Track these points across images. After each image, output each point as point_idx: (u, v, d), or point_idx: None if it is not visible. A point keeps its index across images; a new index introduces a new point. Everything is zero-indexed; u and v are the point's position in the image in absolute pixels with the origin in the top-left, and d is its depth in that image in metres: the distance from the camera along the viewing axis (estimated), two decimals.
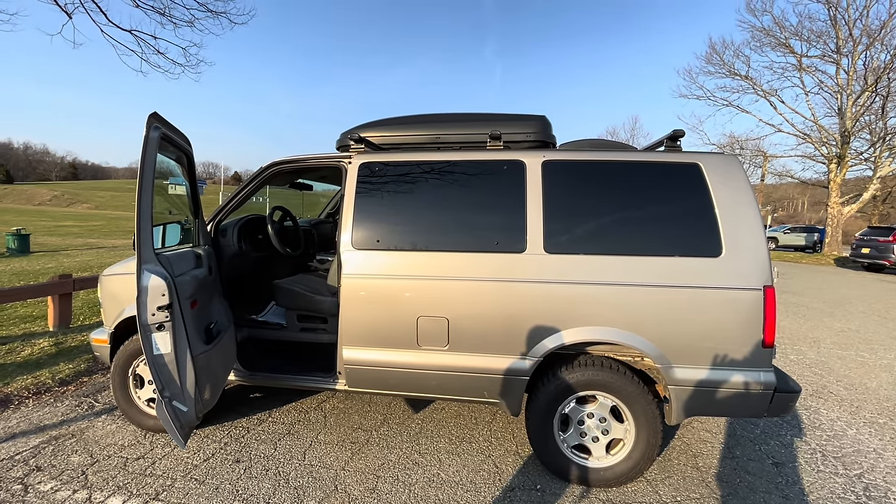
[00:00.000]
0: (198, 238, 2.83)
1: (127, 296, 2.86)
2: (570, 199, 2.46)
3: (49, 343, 4.41)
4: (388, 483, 2.44)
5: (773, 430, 3.18)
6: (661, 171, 2.43)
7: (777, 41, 20.69)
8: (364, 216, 2.61)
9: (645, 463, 2.39)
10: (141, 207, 2.07)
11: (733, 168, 2.38)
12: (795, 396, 2.29)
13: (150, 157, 2.12)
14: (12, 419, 3.04)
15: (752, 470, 2.67)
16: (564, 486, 2.45)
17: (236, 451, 2.70)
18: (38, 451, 2.65)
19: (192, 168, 2.75)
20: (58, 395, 3.44)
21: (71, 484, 2.35)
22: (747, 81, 22.13)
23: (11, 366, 3.85)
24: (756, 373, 2.26)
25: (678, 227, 2.35)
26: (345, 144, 2.92)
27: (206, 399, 2.41)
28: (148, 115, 2.13)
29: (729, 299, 2.23)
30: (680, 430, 3.10)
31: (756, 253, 2.25)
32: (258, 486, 2.37)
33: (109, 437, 2.84)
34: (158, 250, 2.27)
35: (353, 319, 2.59)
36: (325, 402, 3.42)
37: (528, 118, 2.85)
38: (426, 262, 2.50)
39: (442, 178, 2.61)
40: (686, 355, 2.28)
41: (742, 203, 2.32)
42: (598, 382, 2.37)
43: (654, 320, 2.28)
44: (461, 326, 2.47)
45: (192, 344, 2.28)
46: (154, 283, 2.10)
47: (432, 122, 2.95)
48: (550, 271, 2.37)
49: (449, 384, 2.54)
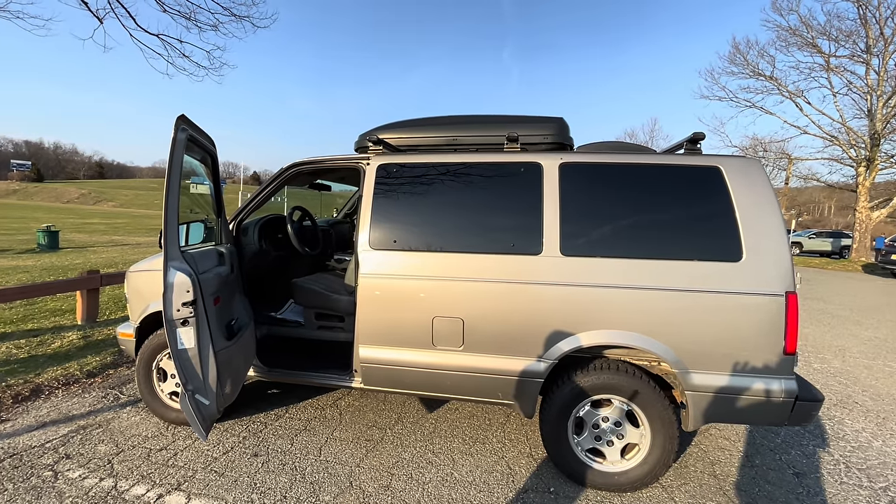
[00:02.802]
0: (220, 236, 2.91)
1: (152, 292, 2.95)
2: (588, 201, 2.46)
3: (77, 336, 4.57)
4: (402, 481, 2.46)
5: (795, 440, 3.11)
6: (680, 174, 2.40)
7: (804, 41, 20.13)
8: (381, 217, 2.65)
9: (660, 469, 2.37)
10: (168, 207, 2.14)
11: (755, 171, 2.34)
12: (818, 405, 2.23)
13: (178, 158, 2.19)
14: (43, 408, 3.17)
15: (772, 479, 2.61)
16: (578, 489, 2.44)
17: (254, 445, 2.77)
18: (67, 439, 2.76)
19: (216, 168, 2.83)
20: (85, 387, 3.56)
21: (98, 472, 2.44)
22: (772, 82, 21.58)
23: (42, 357, 4.01)
24: (777, 380, 2.21)
25: (697, 230, 2.32)
26: (363, 146, 2.96)
27: (226, 393, 2.48)
28: (176, 118, 2.20)
29: (749, 305, 2.19)
30: (697, 437, 3.05)
31: (778, 258, 2.21)
32: (275, 480, 2.42)
33: (134, 428, 2.93)
34: (183, 248, 2.34)
35: (370, 318, 2.63)
36: (341, 399, 3.47)
37: (545, 120, 2.85)
38: (442, 262, 2.53)
39: (458, 179, 2.63)
40: (704, 361, 2.25)
41: (764, 207, 2.28)
42: (614, 386, 2.36)
43: (672, 325, 2.26)
44: (476, 327, 2.48)
45: (215, 339, 2.35)
46: (179, 280, 2.17)
47: (449, 124, 2.97)
48: (566, 274, 2.37)
49: (463, 384, 2.56)
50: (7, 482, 2.31)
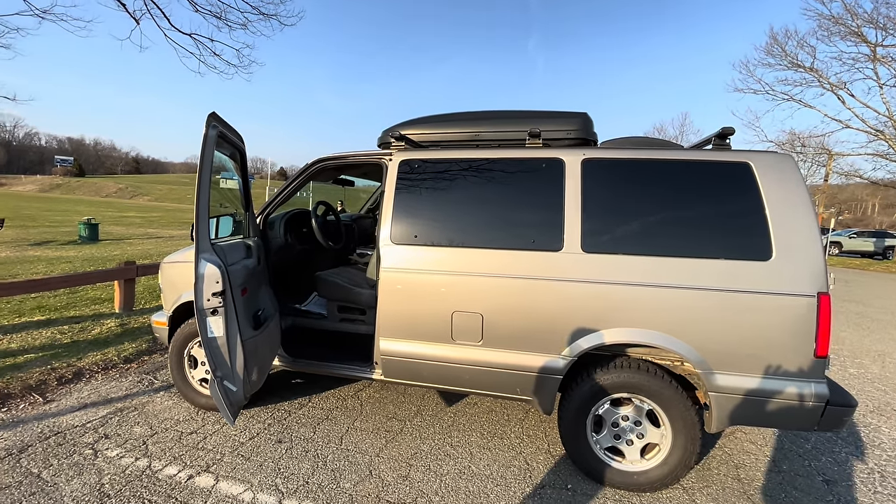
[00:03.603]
0: (248, 230, 3.01)
1: (184, 282, 3.08)
2: (610, 197, 2.42)
3: (115, 324, 4.81)
4: (420, 472, 2.51)
5: (826, 446, 3.00)
6: (707, 170, 2.34)
7: (848, 30, 19.06)
8: (403, 212, 2.68)
9: (681, 470, 2.33)
10: (199, 201, 2.23)
11: (787, 168, 2.26)
12: (850, 411, 2.15)
13: (209, 154, 2.27)
14: (84, 391, 3.36)
15: (800, 486, 2.53)
16: (596, 487, 2.43)
17: (279, 431, 2.86)
18: (105, 420, 2.92)
19: (245, 163, 2.92)
20: (122, 372, 3.75)
21: (134, 452, 2.57)
22: (812, 74, 20.56)
23: (84, 343, 4.24)
24: (806, 384, 2.14)
25: (724, 228, 2.26)
26: (386, 142, 3.00)
27: (253, 381, 2.57)
28: (207, 115, 2.28)
29: (778, 305, 2.13)
30: (721, 440, 2.98)
31: (810, 257, 2.13)
32: (298, 466, 2.50)
33: (167, 412, 3.08)
34: (213, 241, 2.44)
35: (390, 312, 2.67)
36: (362, 390, 3.54)
37: (568, 115, 2.82)
38: (462, 258, 2.54)
39: (480, 175, 2.64)
40: (729, 362, 2.20)
41: (796, 205, 2.19)
42: (635, 385, 2.33)
43: (696, 324, 2.21)
44: (495, 323, 2.49)
45: (242, 329, 2.44)
46: (210, 271, 2.26)
47: (471, 119, 2.97)
48: (587, 271, 2.35)
49: (482, 379, 2.58)
50: (53, 458, 2.47)
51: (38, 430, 2.76)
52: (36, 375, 3.44)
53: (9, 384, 3.26)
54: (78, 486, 2.25)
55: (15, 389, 3.22)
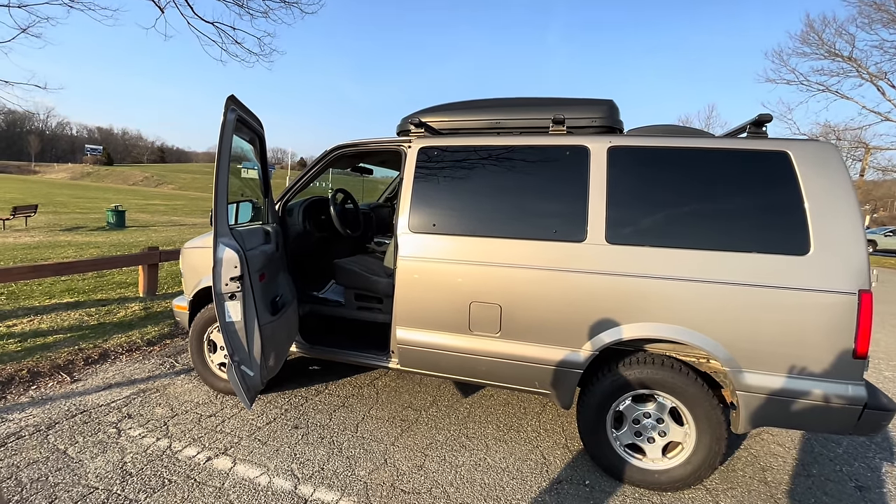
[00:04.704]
0: (267, 216, 3.01)
1: (205, 267, 3.10)
2: (637, 187, 2.33)
3: (139, 307, 4.93)
4: (436, 462, 2.49)
5: (859, 451, 2.87)
6: (742, 158, 2.22)
7: (890, 16, 18.08)
8: (421, 200, 2.64)
9: (705, 470, 2.25)
10: (218, 185, 2.23)
11: (829, 157, 2.13)
12: (890, 415, 2.03)
13: (227, 138, 2.26)
14: (109, 371, 3.45)
15: (831, 491, 2.42)
16: (615, 484, 2.37)
17: (295, 417, 2.88)
18: (129, 401, 2.99)
19: (264, 149, 2.91)
20: (146, 354, 3.84)
21: (155, 433, 2.62)
22: (850, 63, 19.60)
23: (109, 325, 4.35)
24: (843, 385, 2.03)
25: (759, 221, 2.15)
26: (405, 129, 2.95)
27: (270, 366, 2.59)
28: (226, 98, 2.27)
29: (814, 303, 2.01)
30: (747, 441, 2.87)
31: (852, 253, 2.01)
32: (314, 452, 2.51)
33: (187, 394, 3.13)
34: (232, 226, 2.44)
35: (407, 301, 2.64)
36: (378, 379, 3.54)
37: (593, 102, 2.72)
38: (481, 247, 2.49)
39: (500, 163, 2.57)
40: (759, 360, 2.10)
41: (838, 197, 2.06)
42: (658, 381, 2.25)
43: (725, 320, 2.12)
44: (514, 314, 2.44)
45: (260, 314, 2.45)
46: (228, 256, 2.26)
47: (493, 106, 2.90)
48: (611, 263, 2.27)
49: (499, 371, 2.53)
50: (78, 436, 2.54)
51: (65, 408, 2.84)
52: (64, 355, 3.55)
53: (38, 363, 3.37)
54: (102, 463, 2.31)
55: (44, 368, 3.32)
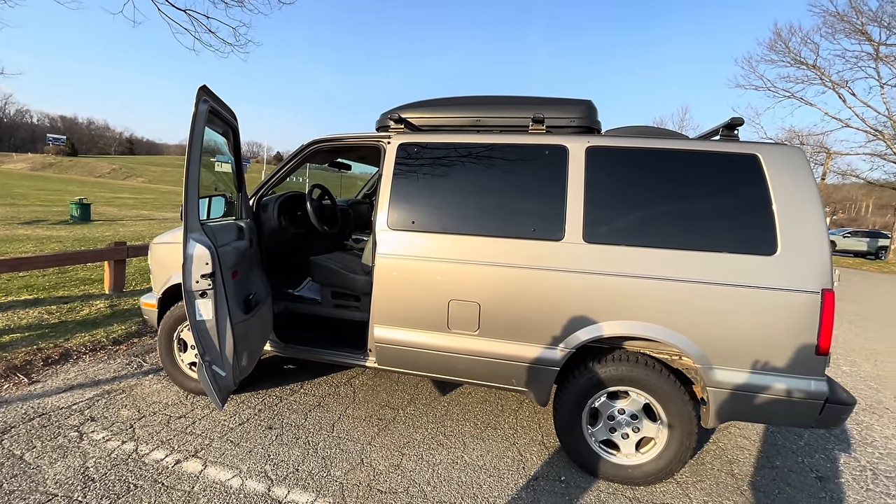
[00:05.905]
0: (240, 211, 2.92)
1: (174, 263, 2.99)
2: (614, 187, 2.36)
3: (104, 305, 4.73)
4: (413, 461, 2.47)
5: (819, 444, 3.00)
6: (714, 161, 2.28)
7: (853, 27, 18.93)
8: (400, 197, 2.61)
9: (676, 464, 2.31)
10: (189, 178, 2.15)
11: (797, 161, 2.20)
12: (849, 409, 2.13)
13: (199, 130, 2.18)
14: (71, 372, 3.29)
15: (793, 482, 2.53)
16: (590, 480, 2.41)
17: (269, 418, 2.81)
18: (92, 402, 2.86)
19: (238, 142, 2.82)
20: (111, 353, 3.68)
21: (120, 435, 2.52)
22: (814, 71, 20.45)
23: (72, 323, 4.16)
24: (806, 381, 2.11)
25: (730, 221, 2.21)
26: (384, 125, 2.91)
27: (243, 366, 2.51)
28: (198, 89, 2.18)
29: (782, 301, 2.09)
30: (716, 435, 2.97)
31: (816, 253, 2.09)
32: (288, 453, 2.46)
33: (155, 395, 3.02)
34: (204, 221, 2.35)
35: (385, 299, 2.61)
36: (355, 378, 3.50)
37: (572, 102, 2.74)
38: (460, 245, 2.48)
39: (480, 161, 2.56)
40: (729, 357, 2.17)
41: (804, 200, 2.15)
42: (632, 379, 2.29)
43: (697, 318, 2.18)
44: (492, 312, 2.44)
45: (232, 312, 2.37)
46: (199, 252, 2.18)
47: (473, 104, 2.89)
48: (588, 261, 2.29)
49: (477, 369, 2.53)
50: (36, 440, 2.41)
51: (21, 412, 2.69)
52: (21, 355, 3.37)
53: None
54: (61, 468, 2.20)
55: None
